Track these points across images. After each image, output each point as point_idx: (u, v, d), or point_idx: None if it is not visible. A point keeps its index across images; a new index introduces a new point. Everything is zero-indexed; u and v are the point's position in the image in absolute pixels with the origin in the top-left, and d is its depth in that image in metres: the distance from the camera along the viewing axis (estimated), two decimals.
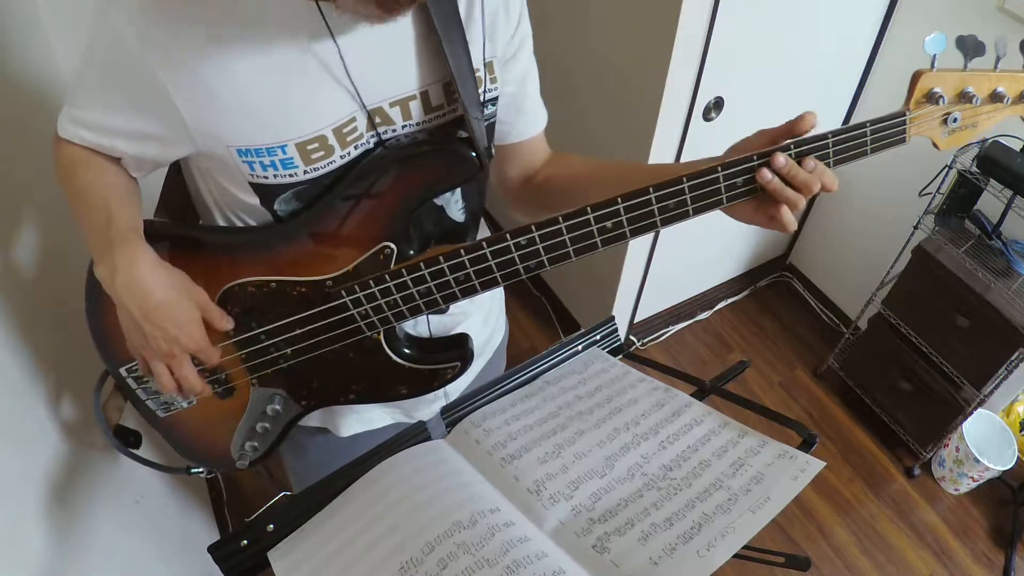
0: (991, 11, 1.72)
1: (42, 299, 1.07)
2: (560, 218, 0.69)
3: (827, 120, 0.80)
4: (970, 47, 0.71)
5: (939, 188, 1.86)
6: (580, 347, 0.84)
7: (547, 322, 2.53)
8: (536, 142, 0.91)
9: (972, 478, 2.08)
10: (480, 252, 0.70)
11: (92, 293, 0.79)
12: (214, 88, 0.64)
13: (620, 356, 0.84)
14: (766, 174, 0.68)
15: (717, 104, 1.79)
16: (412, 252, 0.76)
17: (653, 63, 1.62)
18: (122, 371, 0.85)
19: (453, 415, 0.74)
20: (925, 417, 2.11)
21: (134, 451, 0.95)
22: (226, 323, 0.76)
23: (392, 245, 0.74)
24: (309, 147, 0.69)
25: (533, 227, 0.69)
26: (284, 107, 0.67)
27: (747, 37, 1.68)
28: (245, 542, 0.63)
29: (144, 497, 1.35)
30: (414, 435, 0.70)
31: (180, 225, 0.84)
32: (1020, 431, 2.12)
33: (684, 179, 0.68)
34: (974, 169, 1.77)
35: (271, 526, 0.64)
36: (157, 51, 0.62)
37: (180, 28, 0.62)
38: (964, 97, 0.73)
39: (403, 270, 0.73)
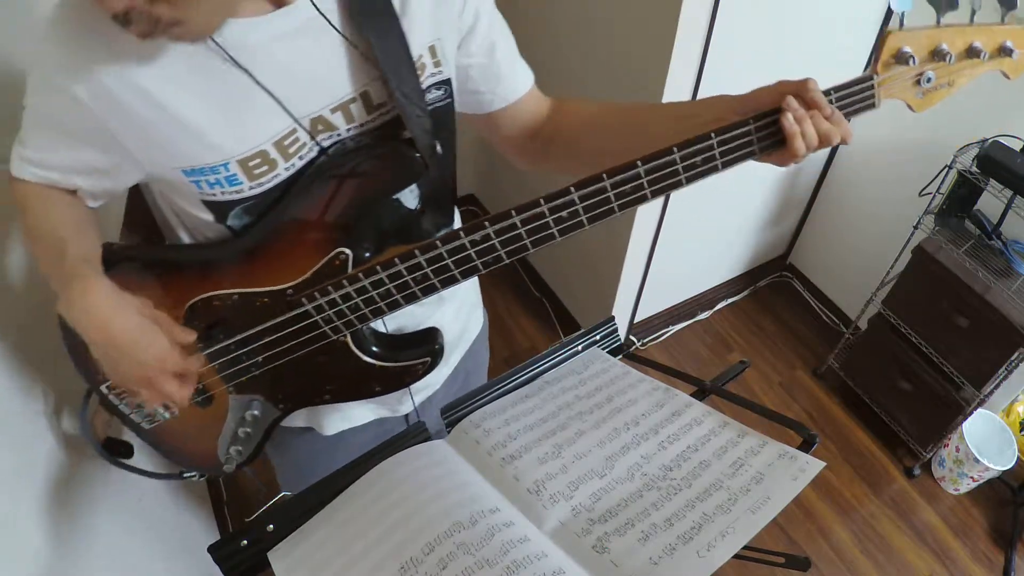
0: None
1: (44, 304, 1.07)
2: (513, 211, 0.68)
3: None
4: (943, 1, 0.67)
5: (939, 188, 1.86)
6: (580, 347, 0.84)
7: (547, 322, 2.53)
8: (526, 102, 0.90)
9: (972, 478, 2.08)
10: (436, 252, 0.70)
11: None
12: (145, 116, 0.65)
13: (620, 356, 0.84)
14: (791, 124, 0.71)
15: None
16: (368, 254, 0.76)
17: (653, 63, 1.62)
18: (103, 388, 0.85)
19: (453, 415, 0.74)
20: (925, 417, 2.11)
21: (126, 461, 0.96)
22: (188, 337, 0.76)
23: (346, 251, 0.74)
24: (251, 163, 0.70)
25: (487, 223, 0.68)
26: (218, 129, 0.67)
27: (747, 36, 1.68)
28: (245, 542, 0.63)
29: (144, 497, 1.35)
30: (414, 435, 0.70)
31: (140, 247, 0.84)
32: (1020, 431, 2.12)
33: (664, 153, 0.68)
34: (974, 169, 1.77)
35: (271, 526, 0.64)
36: (81, 85, 0.63)
37: (99, 64, 0.63)
38: (937, 55, 0.70)
39: (360, 275, 0.73)
